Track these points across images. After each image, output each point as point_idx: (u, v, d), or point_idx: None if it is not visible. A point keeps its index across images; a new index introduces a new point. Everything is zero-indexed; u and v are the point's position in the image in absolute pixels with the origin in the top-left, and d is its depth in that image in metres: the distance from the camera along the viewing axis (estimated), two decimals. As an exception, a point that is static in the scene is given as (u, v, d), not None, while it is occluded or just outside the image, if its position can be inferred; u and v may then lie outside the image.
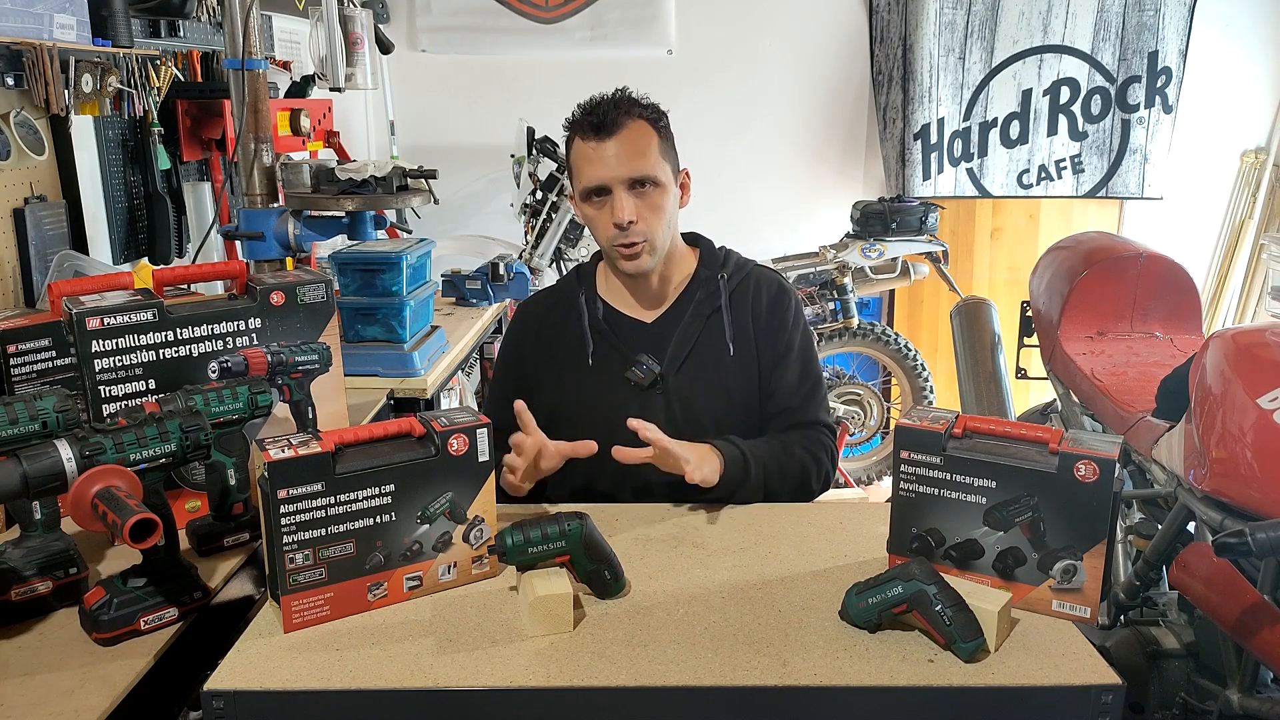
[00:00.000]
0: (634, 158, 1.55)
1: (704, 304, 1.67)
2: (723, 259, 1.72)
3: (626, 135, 1.55)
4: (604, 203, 1.58)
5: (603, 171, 1.56)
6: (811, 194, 4.32)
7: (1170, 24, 4.04)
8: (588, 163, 1.57)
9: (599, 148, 1.55)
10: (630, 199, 1.56)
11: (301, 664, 1.08)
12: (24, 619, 1.18)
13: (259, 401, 1.36)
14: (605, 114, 1.55)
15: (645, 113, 1.58)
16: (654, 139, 1.58)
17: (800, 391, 1.68)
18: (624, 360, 1.64)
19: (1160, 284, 2.41)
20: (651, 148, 1.57)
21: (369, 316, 2.22)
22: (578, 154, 1.59)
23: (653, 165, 1.57)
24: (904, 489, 1.26)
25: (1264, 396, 1.46)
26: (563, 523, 1.19)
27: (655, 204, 1.58)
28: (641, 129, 1.57)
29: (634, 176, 1.56)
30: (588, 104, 1.59)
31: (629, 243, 1.58)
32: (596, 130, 1.55)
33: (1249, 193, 4.23)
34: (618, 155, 1.55)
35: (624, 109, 1.56)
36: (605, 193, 1.57)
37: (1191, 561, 1.53)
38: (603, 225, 1.59)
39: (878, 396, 4.05)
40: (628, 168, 1.55)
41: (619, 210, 1.55)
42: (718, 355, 1.65)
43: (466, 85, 4.21)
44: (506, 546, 1.17)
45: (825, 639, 1.13)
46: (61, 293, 1.42)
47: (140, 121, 2.32)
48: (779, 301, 1.70)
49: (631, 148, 1.55)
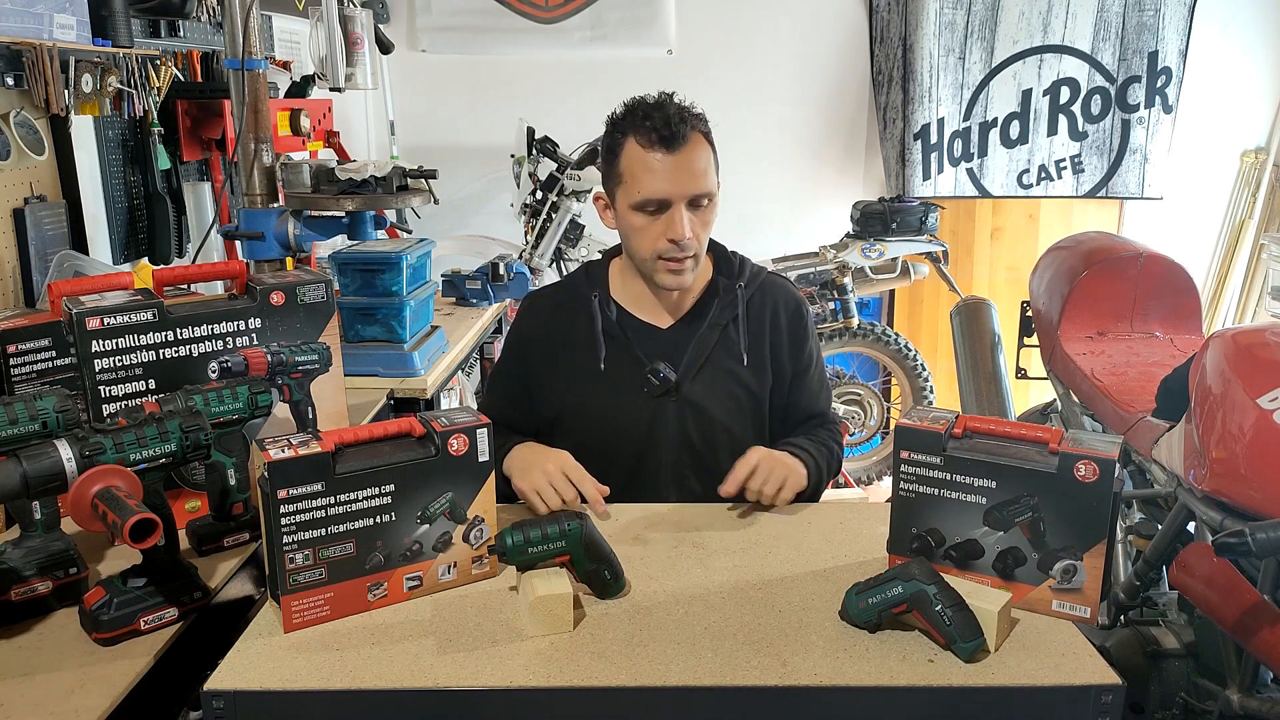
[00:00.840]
0: (698, 175, 1.52)
1: (721, 314, 1.66)
2: (739, 267, 1.70)
3: (690, 150, 1.51)
4: (658, 216, 1.54)
5: (667, 186, 1.51)
6: (811, 194, 4.32)
7: (1170, 24, 4.04)
8: (649, 173, 1.51)
9: (665, 159, 1.50)
10: (689, 216, 1.53)
11: (301, 664, 1.08)
12: (24, 619, 1.18)
13: (259, 401, 1.36)
14: (673, 125, 1.50)
15: (702, 125, 1.55)
16: (710, 154, 1.56)
17: (820, 397, 1.76)
18: (637, 365, 1.62)
19: (1160, 284, 2.41)
20: (711, 164, 1.55)
21: (369, 316, 2.22)
22: (635, 160, 1.53)
23: (712, 182, 1.55)
24: (904, 489, 1.26)
25: (1264, 396, 1.46)
26: (563, 523, 1.19)
27: (707, 220, 1.57)
28: (700, 143, 1.54)
29: (698, 194, 1.53)
30: (645, 106, 1.54)
31: (680, 258, 1.55)
32: (665, 142, 1.49)
33: (1249, 193, 4.23)
34: (685, 171, 1.51)
35: (687, 120, 1.52)
36: (664, 206, 1.53)
37: (1191, 561, 1.53)
38: (652, 237, 1.55)
39: (878, 396, 4.05)
40: (693, 185, 1.52)
41: (678, 227, 1.52)
42: (732, 365, 1.65)
43: (466, 85, 4.21)
44: (506, 546, 1.17)
45: (825, 639, 1.13)
46: (61, 293, 1.42)
47: (140, 121, 2.32)
48: (798, 317, 1.72)
49: (695, 164, 1.52)
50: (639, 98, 1.56)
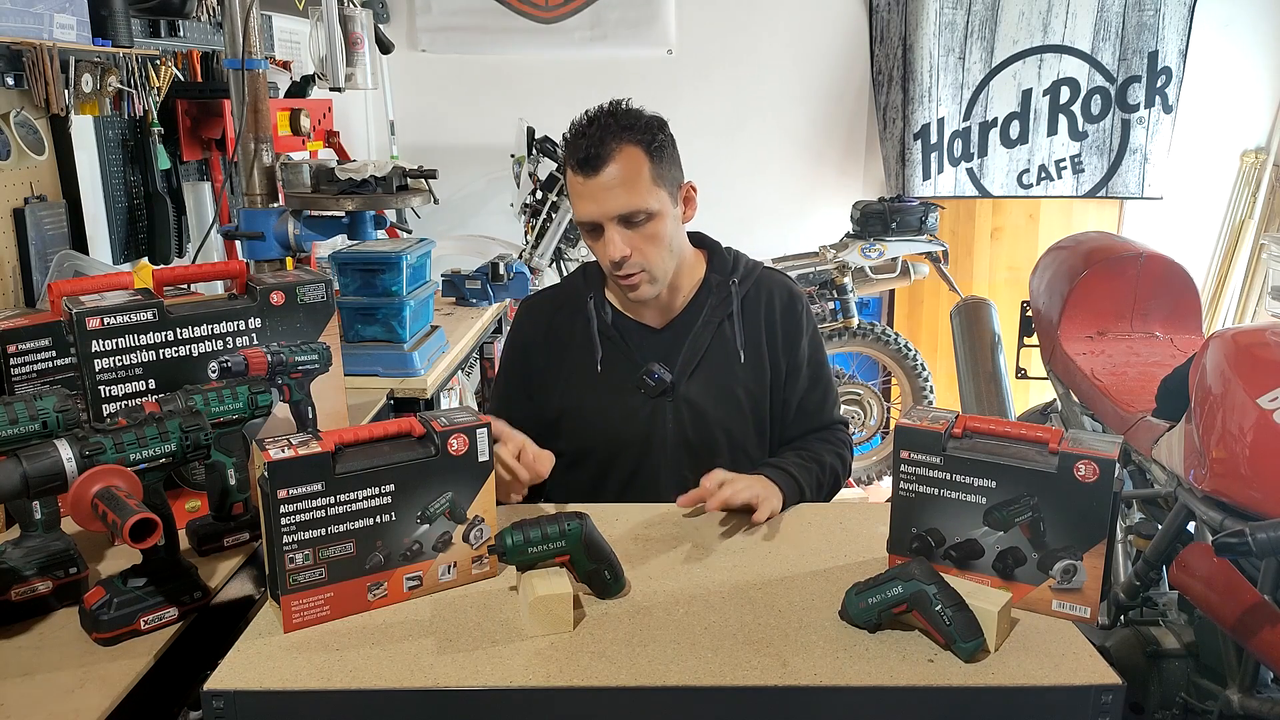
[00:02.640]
0: (623, 193, 1.49)
1: (715, 311, 1.65)
2: (732, 263, 1.69)
3: (614, 169, 1.48)
4: (599, 236, 1.54)
5: (592, 208, 1.51)
6: (811, 194, 4.32)
7: (1170, 24, 4.04)
8: (578, 198, 1.53)
9: (586, 184, 1.50)
10: (622, 234, 1.51)
11: (301, 664, 1.08)
12: (24, 619, 1.18)
13: (259, 401, 1.36)
14: (592, 146, 1.48)
15: (635, 136, 1.50)
16: (644, 166, 1.50)
17: (817, 397, 1.71)
18: (633, 367, 1.62)
19: (1160, 284, 2.41)
20: (641, 177, 1.50)
21: (369, 316, 2.22)
22: (570, 185, 1.54)
23: (643, 197, 1.50)
24: (904, 489, 1.26)
25: (1264, 396, 1.46)
26: (563, 523, 1.19)
27: (651, 234, 1.53)
28: (631, 157, 1.49)
29: (622, 213, 1.50)
30: (577, 127, 1.53)
31: (626, 274, 1.54)
32: (583, 165, 1.49)
33: (1249, 193, 4.23)
34: (606, 190, 1.49)
35: (612, 136, 1.49)
36: (598, 228, 1.53)
37: (1191, 561, 1.53)
38: (601, 256, 1.57)
39: (878, 396, 4.05)
40: (617, 204, 1.49)
41: (610, 248, 1.51)
42: (728, 362, 1.64)
43: (466, 85, 4.21)
44: (506, 546, 1.17)
45: (825, 639, 1.13)
46: (61, 293, 1.42)
47: (140, 121, 2.32)
48: (791, 309, 1.69)
49: (619, 181, 1.49)
50: (585, 112, 1.54)
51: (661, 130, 1.55)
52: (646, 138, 1.51)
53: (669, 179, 1.56)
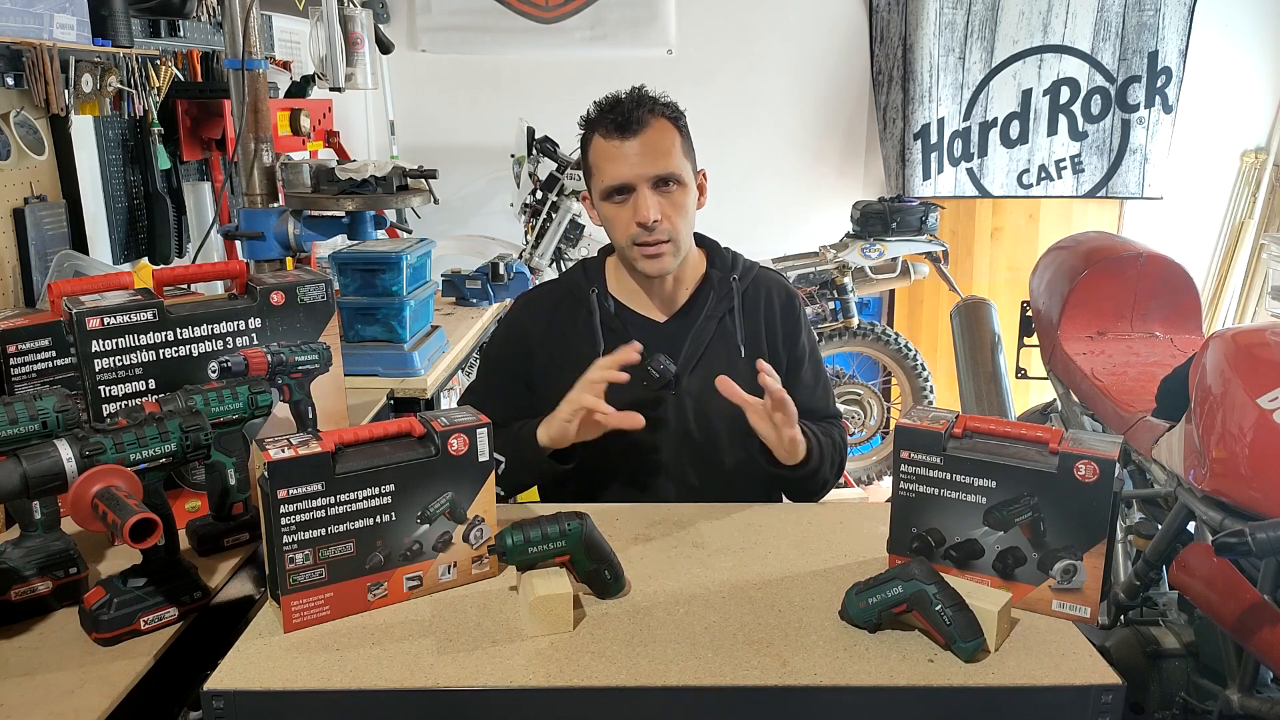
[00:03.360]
0: (659, 156, 1.53)
1: (717, 306, 1.66)
2: (731, 260, 1.71)
3: (650, 134, 1.53)
4: (626, 201, 1.55)
5: (626, 170, 1.53)
6: (811, 194, 4.32)
7: (1170, 24, 4.04)
8: (610, 160, 1.55)
9: (622, 145, 1.53)
10: (655, 197, 1.54)
11: (301, 664, 1.08)
12: (24, 619, 1.18)
13: (259, 401, 1.36)
14: (629, 112, 1.53)
15: (666, 111, 1.57)
16: (677, 137, 1.56)
17: (819, 392, 1.74)
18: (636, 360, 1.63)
19: (1160, 284, 2.41)
20: (675, 146, 1.56)
21: (369, 316, 2.22)
22: (598, 152, 1.57)
23: (677, 164, 1.55)
24: (904, 489, 1.26)
25: (1264, 396, 1.45)
26: (563, 522, 1.19)
27: (679, 203, 1.57)
28: (664, 127, 1.55)
29: (659, 174, 1.54)
30: (607, 101, 1.57)
31: (653, 241, 1.56)
32: (620, 129, 1.53)
33: (1249, 193, 4.23)
34: (642, 153, 1.53)
35: (646, 106, 1.54)
36: (628, 191, 1.55)
37: (1191, 561, 1.53)
38: (624, 224, 1.57)
39: (878, 396, 4.05)
40: (653, 166, 1.53)
41: (643, 209, 1.53)
42: (730, 357, 1.65)
43: (466, 85, 4.21)
44: (506, 546, 1.17)
45: (825, 639, 1.13)
46: (61, 293, 1.42)
47: (140, 121, 2.32)
48: (790, 306, 1.72)
49: (656, 146, 1.53)
50: (608, 95, 1.59)
51: (683, 115, 1.61)
52: (675, 115, 1.58)
53: (691, 158, 1.62)
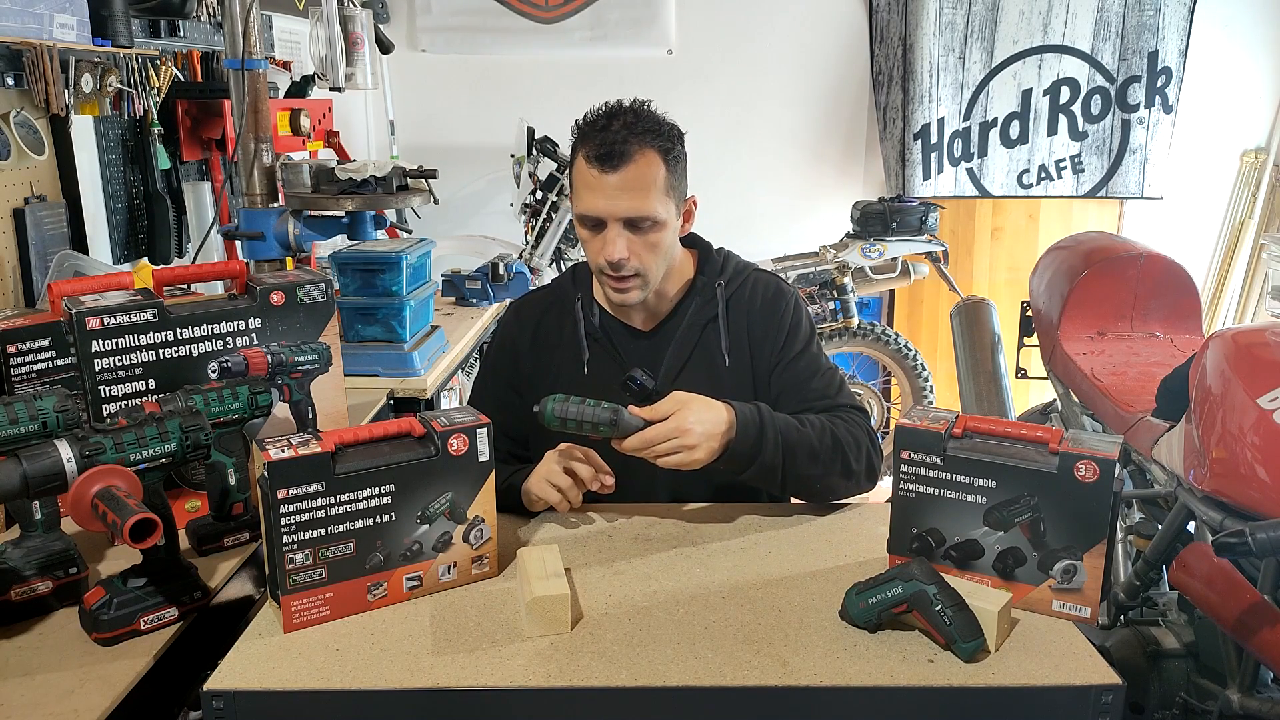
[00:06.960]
0: (635, 196, 1.46)
1: (700, 314, 1.62)
2: (721, 264, 1.66)
3: (632, 170, 1.45)
4: (599, 232, 1.51)
5: (601, 204, 1.48)
6: (811, 194, 4.32)
7: (1170, 24, 4.04)
8: (587, 189, 1.48)
9: (601, 177, 1.46)
10: (625, 236, 1.49)
11: (301, 664, 1.08)
12: (24, 619, 1.18)
13: (259, 401, 1.36)
14: (615, 142, 1.44)
15: (658, 142, 1.47)
16: (661, 173, 1.48)
17: (814, 384, 1.62)
18: (619, 370, 1.60)
19: (1160, 284, 2.42)
20: (656, 184, 1.47)
21: (369, 316, 2.22)
22: (579, 175, 1.50)
23: (653, 205, 1.47)
24: (904, 489, 1.26)
25: (1264, 396, 1.46)
26: (600, 415, 1.35)
27: (652, 242, 1.51)
28: (649, 162, 1.46)
29: (631, 217, 1.47)
30: (599, 119, 1.49)
31: (619, 276, 1.52)
32: (602, 160, 1.45)
33: (1249, 193, 4.23)
34: (620, 189, 1.46)
35: (636, 137, 1.45)
36: (600, 224, 1.50)
37: (1191, 561, 1.54)
38: (593, 252, 1.53)
39: (878, 396, 4.05)
40: (628, 206, 1.46)
41: (610, 248, 1.48)
42: (712, 367, 1.61)
43: (466, 85, 4.21)
44: (546, 412, 1.34)
45: (825, 639, 1.13)
46: (61, 293, 1.42)
47: (140, 121, 2.32)
48: (773, 304, 1.64)
49: (636, 184, 1.46)
50: (603, 105, 1.51)
51: (680, 141, 1.53)
52: (667, 145, 1.49)
53: (678, 191, 1.54)
